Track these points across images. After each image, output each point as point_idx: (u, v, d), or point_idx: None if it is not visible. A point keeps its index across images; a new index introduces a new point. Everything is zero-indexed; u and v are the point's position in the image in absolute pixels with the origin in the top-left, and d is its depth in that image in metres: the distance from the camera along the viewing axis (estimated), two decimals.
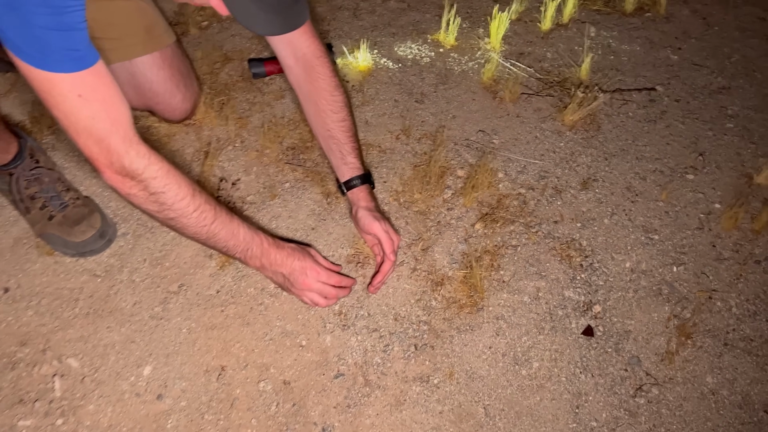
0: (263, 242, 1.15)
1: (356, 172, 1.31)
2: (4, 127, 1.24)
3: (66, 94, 0.88)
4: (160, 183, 1.00)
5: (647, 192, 1.49)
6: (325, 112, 1.28)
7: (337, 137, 1.29)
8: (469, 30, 1.93)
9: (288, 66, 1.29)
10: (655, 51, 1.89)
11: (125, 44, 1.39)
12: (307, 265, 1.18)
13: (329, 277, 1.20)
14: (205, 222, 1.07)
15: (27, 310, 1.24)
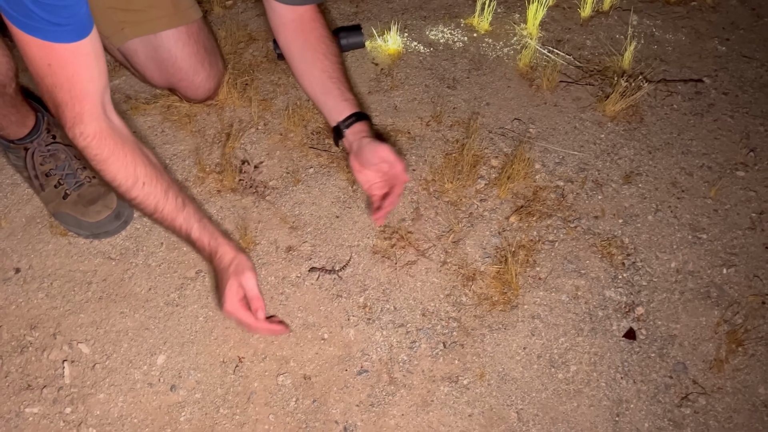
0: (203, 250, 1.07)
1: (357, 108, 1.21)
2: (22, 99, 1.19)
3: (37, 60, 0.89)
4: (100, 162, 0.98)
5: (694, 188, 1.40)
6: (325, 54, 1.21)
7: (336, 76, 1.21)
8: (504, 15, 1.84)
9: (282, 24, 1.22)
10: (701, 41, 1.79)
11: (151, 16, 1.33)
12: (228, 294, 1.04)
13: (239, 319, 1.05)
14: (144, 210, 1.04)
15: (38, 292, 1.18)
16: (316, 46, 1.21)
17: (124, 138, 1.00)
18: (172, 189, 1.04)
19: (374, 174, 1.18)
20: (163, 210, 1.03)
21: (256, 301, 1.03)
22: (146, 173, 1.01)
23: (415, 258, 1.25)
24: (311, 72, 1.22)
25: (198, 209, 1.07)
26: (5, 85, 1.09)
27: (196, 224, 1.05)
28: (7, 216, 1.29)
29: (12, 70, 1.10)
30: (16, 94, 1.15)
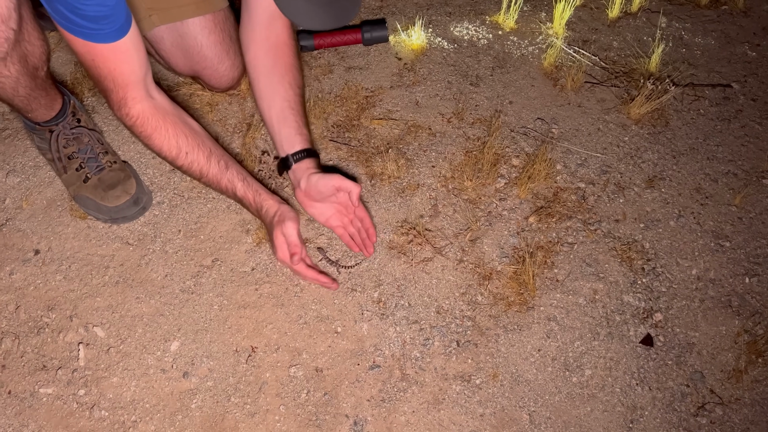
0: (250, 206, 1.18)
1: (309, 145, 1.24)
2: (51, 83, 1.20)
3: (82, 54, 1.00)
4: (145, 138, 1.11)
5: (719, 195, 1.37)
6: (290, 83, 1.25)
7: (297, 108, 1.24)
8: (530, 13, 1.82)
9: (254, 39, 1.25)
10: (731, 46, 1.76)
11: (178, 4, 1.33)
12: (276, 243, 1.15)
13: (288, 266, 1.16)
14: (192, 175, 1.16)
15: (56, 274, 1.19)
16: (283, 72, 1.24)
17: (166, 113, 1.11)
18: (215, 154, 1.14)
19: (329, 206, 1.22)
20: (208, 174, 1.14)
21: (293, 247, 1.13)
22: (188, 143, 1.11)
23: (431, 255, 1.24)
24: (273, 97, 1.24)
25: (241, 170, 1.17)
26: (38, 68, 1.10)
27: (239, 183, 1.15)
28: (28, 198, 1.30)
29: (45, 54, 1.11)
30: (47, 78, 1.16)
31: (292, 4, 0.90)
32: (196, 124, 1.16)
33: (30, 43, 1.05)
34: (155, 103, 1.10)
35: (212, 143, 1.16)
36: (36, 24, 1.07)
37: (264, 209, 1.16)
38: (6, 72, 1.03)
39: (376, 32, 1.65)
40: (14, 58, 1.02)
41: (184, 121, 1.14)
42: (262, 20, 1.23)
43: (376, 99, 1.55)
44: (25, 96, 1.13)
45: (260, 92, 1.25)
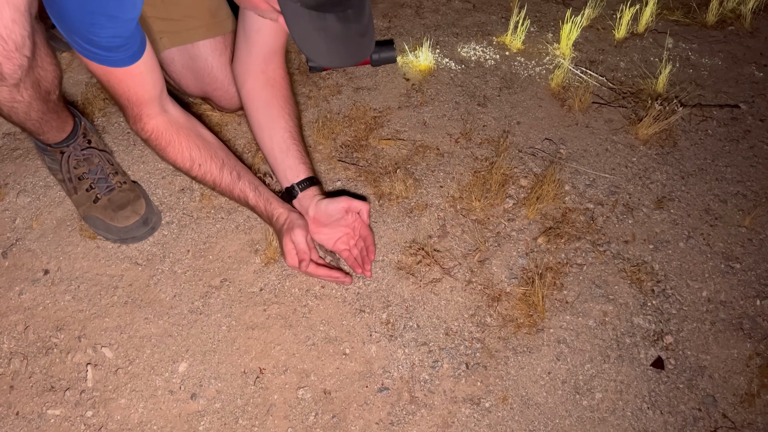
0: (262, 215, 1.21)
1: (313, 174, 1.26)
2: (63, 105, 1.21)
3: (98, 76, 1.03)
4: (159, 151, 1.14)
5: (728, 216, 1.37)
6: (290, 114, 1.28)
7: (298, 139, 1.27)
8: (537, 34, 1.83)
9: (249, 73, 1.28)
10: (738, 66, 1.76)
11: (189, 26, 1.35)
12: (286, 250, 1.17)
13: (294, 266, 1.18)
14: (206, 185, 1.20)
15: (65, 294, 1.20)
16: (282, 104, 1.27)
17: (180, 126, 1.14)
18: (227, 165, 1.18)
19: (337, 230, 1.24)
20: (221, 184, 1.18)
21: (302, 254, 1.16)
22: (201, 155, 1.15)
23: (440, 276, 1.24)
24: (273, 128, 1.26)
25: (253, 179, 1.20)
26: (50, 92, 1.11)
27: (251, 193, 1.18)
28: (38, 218, 1.30)
29: (57, 78, 1.12)
30: (59, 101, 1.17)
31: (313, 43, 0.92)
32: (210, 135, 1.20)
33: (43, 69, 1.07)
34: (169, 118, 1.13)
35: (225, 154, 1.19)
36: (49, 49, 1.08)
37: (275, 217, 1.19)
38: (19, 97, 1.04)
39: (384, 53, 1.67)
40: (27, 83, 1.03)
41: (198, 133, 1.17)
42: (260, 55, 1.26)
43: (384, 119, 1.56)
44: (37, 119, 1.14)
45: (259, 123, 1.28)
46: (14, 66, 0.97)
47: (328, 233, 1.24)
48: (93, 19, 0.90)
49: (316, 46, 0.92)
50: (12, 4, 0.90)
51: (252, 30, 1.24)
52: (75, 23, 0.91)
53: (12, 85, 1.01)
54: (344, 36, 0.93)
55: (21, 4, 0.91)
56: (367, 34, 0.97)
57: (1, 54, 0.93)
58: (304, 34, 0.91)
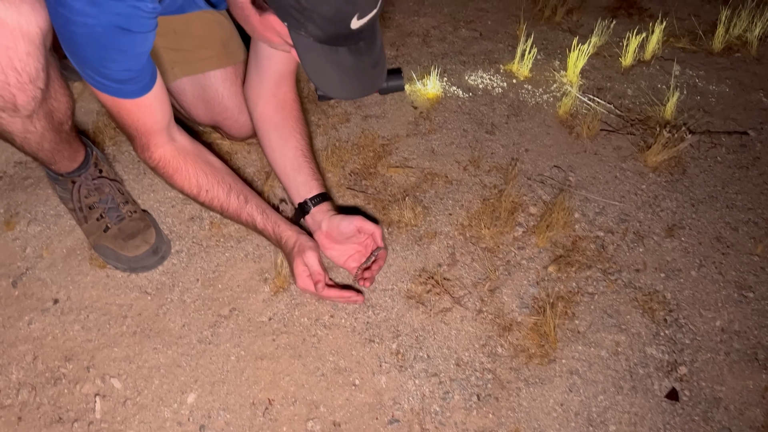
0: (271, 238, 1.22)
1: (324, 189, 1.28)
2: (75, 136, 1.22)
3: (107, 106, 1.05)
4: (167, 178, 1.17)
5: (740, 244, 1.36)
6: (301, 134, 1.30)
7: (309, 156, 1.29)
8: (544, 62, 1.84)
9: (261, 96, 1.30)
10: (745, 93, 1.77)
11: (200, 57, 1.37)
12: (297, 272, 1.17)
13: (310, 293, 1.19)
14: (213, 210, 1.21)
15: (74, 324, 1.19)
16: (293, 125, 1.30)
17: (188, 153, 1.16)
18: (234, 190, 1.19)
19: (349, 247, 1.25)
20: (228, 209, 1.19)
21: (315, 276, 1.16)
22: (208, 181, 1.17)
23: (450, 305, 1.23)
24: (285, 147, 1.28)
25: (261, 203, 1.21)
26: (63, 123, 1.12)
27: (259, 216, 1.19)
28: (49, 247, 1.31)
29: (70, 109, 1.14)
30: (71, 131, 1.18)
31: (326, 76, 0.93)
32: (217, 162, 1.21)
33: (56, 100, 1.08)
34: (177, 146, 1.15)
35: (232, 179, 1.21)
36: (62, 81, 1.10)
37: (284, 240, 1.19)
38: (32, 128, 1.06)
39: (392, 81, 1.68)
40: (41, 115, 1.05)
41: (205, 159, 1.19)
42: (272, 80, 1.28)
43: (392, 147, 1.56)
44: (50, 150, 1.15)
45: (271, 143, 1.29)
46: (28, 98, 0.98)
47: (340, 249, 1.25)
48: (105, 54, 0.92)
49: (328, 79, 0.93)
50: (27, 38, 0.91)
51: (263, 57, 1.25)
52: (87, 57, 0.93)
53: (26, 116, 1.02)
54: (356, 68, 0.94)
55: (36, 37, 0.93)
56: (379, 64, 0.98)
57: (16, 86, 0.95)
58: (316, 67, 0.92)
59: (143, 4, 0.90)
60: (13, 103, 0.97)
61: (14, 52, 0.91)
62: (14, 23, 0.89)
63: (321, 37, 0.88)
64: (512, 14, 2.03)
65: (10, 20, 0.88)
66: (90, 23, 0.87)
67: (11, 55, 0.91)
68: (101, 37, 0.89)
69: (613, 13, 2.07)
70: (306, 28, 0.87)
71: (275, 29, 0.93)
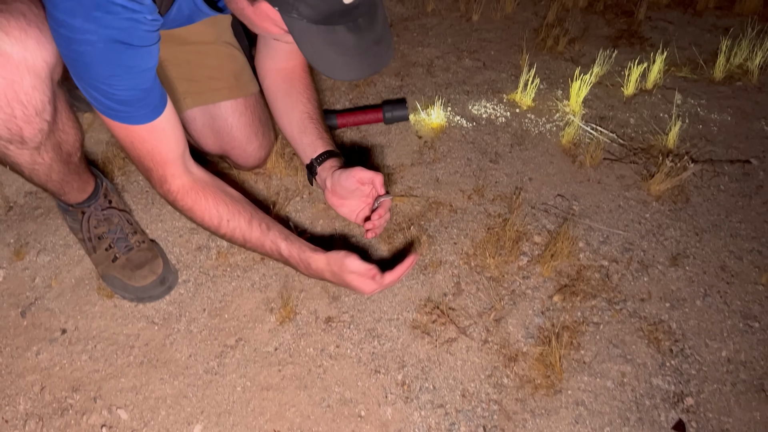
0: (299, 265, 1.16)
1: (331, 147, 1.27)
2: (85, 166, 1.24)
3: (121, 138, 1.04)
4: (187, 211, 1.14)
5: (744, 273, 1.36)
6: (308, 98, 1.31)
7: (316, 118, 1.29)
8: (546, 91, 1.87)
9: (272, 70, 1.32)
10: (747, 122, 1.78)
11: (212, 87, 1.39)
12: (355, 285, 1.11)
13: (374, 289, 1.13)
14: (236, 243, 1.17)
15: (82, 354, 1.20)
16: (300, 90, 1.31)
17: (205, 184, 1.14)
18: (255, 218, 1.16)
19: (357, 201, 1.23)
20: (251, 238, 1.15)
21: (367, 273, 1.10)
22: (228, 210, 1.14)
23: (455, 335, 1.24)
24: (292, 112, 1.30)
25: (283, 229, 1.17)
26: (71, 155, 1.14)
27: (282, 243, 1.15)
28: (57, 277, 1.32)
29: (79, 141, 1.15)
30: (80, 163, 1.20)
31: (327, 59, 0.89)
32: (234, 192, 1.19)
33: (64, 132, 1.09)
34: (194, 177, 1.13)
35: (252, 208, 1.18)
36: (71, 113, 1.11)
37: (313, 265, 1.14)
38: (40, 159, 1.07)
39: (397, 111, 1.70)
40: (48, 146, 1.06)
41: (223, 190, 1.17)
42: (282, 55, 1.30)
43: (397, 176, 1.58)
44: (58, 181, 1.16)
45: (279, 111, 1.32)
46: (34, 130, 1.00)
47: (350, 205, 1.24)
48: (110, 71, 0.91)
49: (330, 61, 0.89)
50: (32, 72, 0.93)
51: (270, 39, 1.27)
52: (93, 77, 0.92)
53: (33, 148, 1.03)
54: (358, 47, 0.90)
55: (41, 71, 0.95)
56: (383, 41, 0.93)
57: (22, 119, 0.96)
58: (315, 50, 0.88)
59: (141, 16, 0.90)
60: (20, 135, 0.99)
61: (20, 85, 0.93)
62: (20, 58, 0.91)
63: (314, 17, 0.85)
64: (515, 44, 2.06)
65: (15, 55, 0.91)
66: (91, 40, 0.87)
67: (17, 89, 0.93)
68: (103, 53, 0.89)
69: (615, 42, 2.10)
70: (297, 9, 0.85)
71: (269, 17, 0.90)
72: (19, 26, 0.91)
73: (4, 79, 0.91)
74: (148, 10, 0.91)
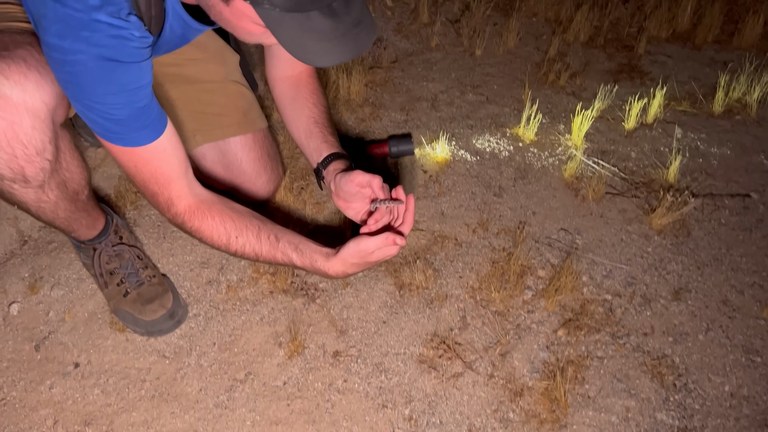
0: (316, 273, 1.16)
1: (336, 149, 1.27)
2: (95, 204, 1.27)
3: (124, 163, 1.06)
4: (195, 232, 1.15)
5: (746, 308, 1.38)
6: (314, 103, 1.32)
7: (321, 122, 1.31)
8: (549, 125, 1.91)
9: (280, 78, 1.35)
10: (747, 156, 1.81)
11: (222, 124, 1.44)
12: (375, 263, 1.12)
13: (398, 248, 1.10)
14: (249, 259, 1.18)
15: (94, 387, 1.22)
16: (307, 96, 1.33)
17: (211, 203, 1.15)
18: (263, 230, 1.15)
19: (362, 204, 1.20)
20: (261, 252, 1.15)
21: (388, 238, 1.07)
22: (235, 227, 1.14)
23: (461, 370, 1.25)
24: (299, 118, 1.32)
25: (293, 238, 1.16)
26: (78, 193, 1.16)
27: (293, 253, 1.14)
28: (71, 310, 1.35)
29: (85, 179, 1.18)
30: (88, 200, 1.22)
31: (304, 47, 0.88)
32: (241, 207, 1.19)
33: (69, 171, 1.12)
34: (199, 197, 1.14)
35: (260, 221, 1.17)
36: (75, 153, 1.13)
37: (330, 272, 1.13)
38: (45, 198, 1.10)
39: (402, 146, 1.74)
40: (52, 185, 1.08)
41: (230, 206, 1.17)
42: (285, 57, 1.31)
43: None
44: (65, 218, 1.19)
45: (288, 118, 1.35)
46: (36, 169, 1.02)
47: (355, 208, 1.21)
48: (104, 89, 0.93)
49: (308, 49, 0.88)
50: (31, 113, 0.97)
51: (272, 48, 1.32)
52: (88, 97, 0.95)
53: (37, 186, 1.06)
54: (335, 31, 0.88)
55: (41, 111, 0.98)
56: (362, 23, 0.91)
57: (23, 158, 0.99)
58: (292, 40, 0.87)
59: (127, 32, 0.92)
60: (23, 174, 1.01)
61: (19, 126, 0.96)
62: (19, 99, 0.94)
63: (287, 5, 0.84)
64: (517, 79, 2.11)
65: (15, 97, 0.94)
66: (81, 59, 0.90)
67: (16, 129, 0.96)
68: (95, 72, 0.91)
69: (615, 76, 2.14)
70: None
71: (245, 14, 0.89)
72: (19, 70, 0.94)
73: (4, 120, 0.94)
74: (134, 27, 0.93)
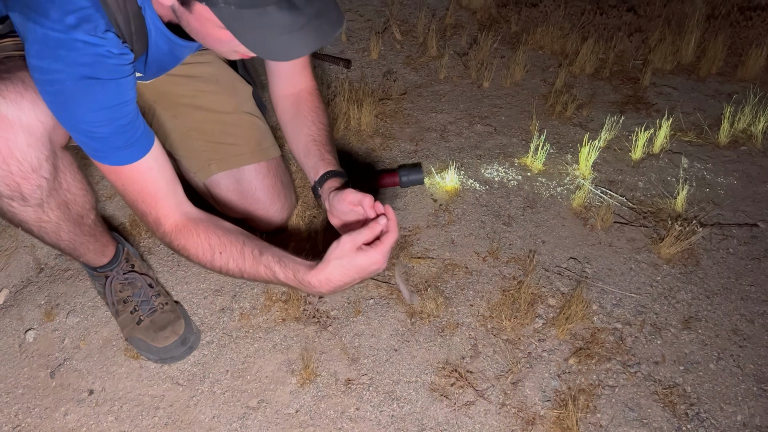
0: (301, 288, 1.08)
1: (332, 167, 1.25)
2: (103, 230, 1.29)
3: (114, 182, 1.09)
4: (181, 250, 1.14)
5: (756, 337, 1.39)
6: (313, 121, 1.32)
7: (320, 140, 1.30)
8: (556, 155, 1.93)
9: (282, 96, 1.37)
10: (753, 185, 1.83)
11: (236, 153, 1.47)
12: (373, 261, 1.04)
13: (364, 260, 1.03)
14: (233, 276, 1.14)
15: (108, 415, 1.23)
16: (306, 114, 1.34)
17: (199, 221, 1.14)
18: (247, 245, 1.11)
19: (356, 223, 1.14)
20: (245, 268, 1.11)
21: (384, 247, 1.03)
22: (220, 242, 1.12)
23: (473, 398, 1.26)
24: (299, 136, 1.33)
25: (276, 252, 1.10)
26: (83, 216, 1.18)
27: (277, 267, 1.08)
28: (86, 337, 1.36)
29: (89, 203, 1.19)
30: (95, 225, 1.23)
31: (261, 43, 0.87)
32: (229, 224, 1.16)
33: (70, 192, 1.13)
34: (187, 216, 1.14)
35: (245, 236, 1.13)
36: (78, 175, 1.15)
37: (310, 283, 1.05)
38: (45, 217, 1.11)
39: (412, 176, 1.77)
40: (52, 204, 1.10)
41: (216, 224, 1.15)
42: (286, 81, 1.36)
43: (413, 238, 1.63)
44: (69, 241, 1.20)
45: (289, 136, 1.37)
46: (32, 186, 1.04)
47: (350, 226, 1.15)
48: (85, 107, 0.96)
49: (267, 45, 0.87)
50: (27, 131, 0.99)
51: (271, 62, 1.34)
52: (71, 117, 0.97)
53: (35, 205, 1.07)
54: (294, 24, 0.86)
55: (36, 129, 1.00)
56: (324, 16, 0.89)
57: (18, 174, 1.01)
58: (251, 36, 0.87)
59: (104, 50, 0.94)
60: (19, 191, 1.03)
61: (14, 143, 0.98)
62: (14, 117, 0.97)
63: (241, 2, 0.83)
64: (525, 110, 2.15)
65: (10, 115, 0.97)
66: (60, 78, 0.93)
67: (11, 146, 0.98)
68: (75, 91, 0.94)
69: (621, 107, 2.17)
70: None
71: (207, 18, 0.89)
72: (16, 90, 0.98)
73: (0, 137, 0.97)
74: (111, 44, 0.95)
